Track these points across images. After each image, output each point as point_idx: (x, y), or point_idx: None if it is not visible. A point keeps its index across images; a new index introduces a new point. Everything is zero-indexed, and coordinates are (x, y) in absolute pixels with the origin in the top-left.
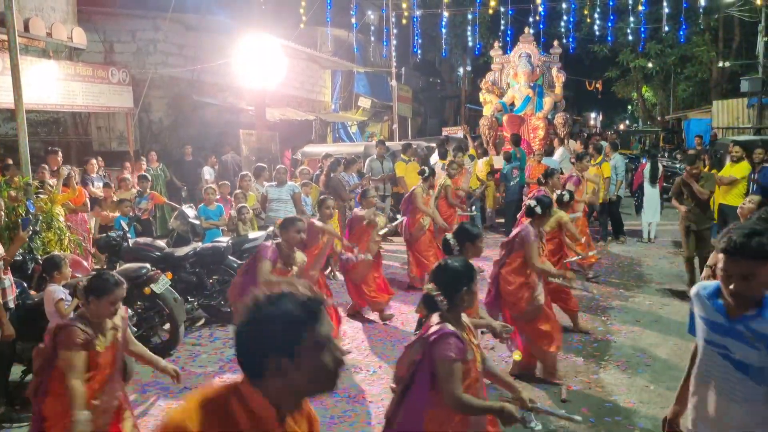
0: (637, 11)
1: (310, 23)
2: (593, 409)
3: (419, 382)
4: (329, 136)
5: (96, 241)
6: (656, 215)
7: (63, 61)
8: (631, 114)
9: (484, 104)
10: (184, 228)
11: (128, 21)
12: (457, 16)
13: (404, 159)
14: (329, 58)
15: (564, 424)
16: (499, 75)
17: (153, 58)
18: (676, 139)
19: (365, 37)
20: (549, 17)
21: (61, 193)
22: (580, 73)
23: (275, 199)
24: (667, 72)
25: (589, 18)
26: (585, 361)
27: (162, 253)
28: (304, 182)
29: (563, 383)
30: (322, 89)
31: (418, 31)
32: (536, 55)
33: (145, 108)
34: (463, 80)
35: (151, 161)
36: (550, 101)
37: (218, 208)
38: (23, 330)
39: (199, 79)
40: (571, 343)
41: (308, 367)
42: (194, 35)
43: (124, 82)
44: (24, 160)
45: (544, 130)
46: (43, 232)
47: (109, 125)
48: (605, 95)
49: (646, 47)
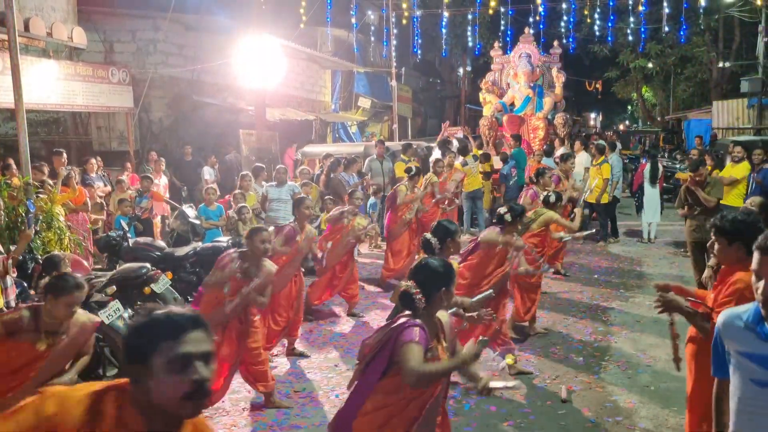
0: (637, 11)
1: (310, 23)
2: (594, 409)
3: (373, 368)
4: (329, 136)
5: (96, 240)
6: (656, 215)
7: (63, 61)
8: (631, 114)
9: (484, 104)
10: (185, 228)
11: (128, 21)
12: (457, 16)
13: (404, 159)
14: (329, 58)
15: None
16: (499, 75)
17: (153, 58)
18: (676, 139)
19: (365, 37)
20: (549, 17)
21: (60, 193)
22: (580, 74)
23: (275, 199)
24: (667, 72)
25: (589, 18)
26: (585, 361)
27: (162, 252)
28: (304, 182)
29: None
30: (322, 89)
31: (418, 31)
32: (536, 56)
33: (145, 108)
34: (463, 80)
35: (151, 161)
36: (550, 101)
37: (218, 208)
38: None
39: (199, 79)
40: (572, 343)
41: (162, 380)
42: (194, 35)
43: (124, 82)
44: (24, 159)
45: (544, 130)
46: (43, 231)
47: (109, 125)
48: (605, 95)
49: (646, 47)
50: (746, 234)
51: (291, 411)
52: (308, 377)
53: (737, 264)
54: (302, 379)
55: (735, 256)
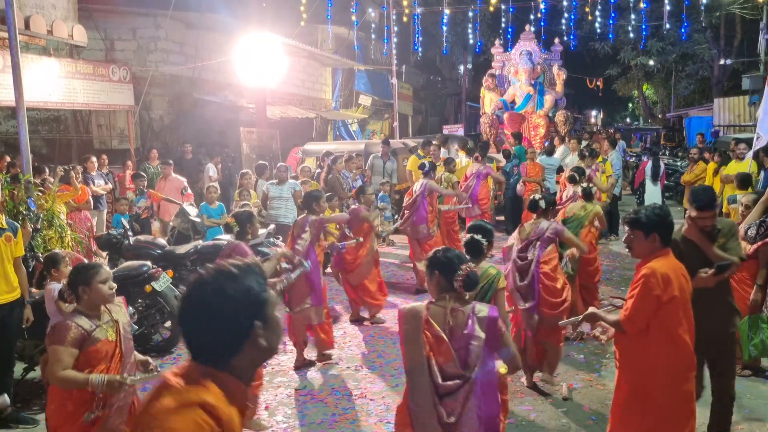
0: (638, 9)
1: (311, 21)
2: (595, 406)
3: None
4: (330, 134)
5: (97, 239)
6: None
7: (64, 59)
8: (632, 112)
9: (484, 102)
10: (185, 226)
11: (129, 19)
12: (457, 13)
13: (420, 155)
14: (330, 55)
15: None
16: (500, 73)
17: (153, 55)
18: (677, 136)
19: (366, 35)
20: (550, 15)
21: (62, 192)
22: (580, 71)
23: (276, 197)
24: (669, 70)
25: (590, 15)
26: (586, 358)
27: (163, 250)
28: (304, 180)
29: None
30: (323, 87)
31: (418, 28)
32: (537, 53)
33: (145, 106)
34: (463, 78)
35: (152, 159)
36: (551, 99)
37: (219, 206)
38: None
39: (200, 76)
40: (573, 341)
41: (272, 331)
42: (195, 33)
43: (125, 80)
44: (25, 158)
45: (545, 127)
46: (44, 229)
47: (110, 123)
48: (606, 93)
49: (647, 45)
50: (661, 226)
51: (291, 410)
52: (308, 377)
53: (652, 255)
54: (303, 378)
55: (650, 247)
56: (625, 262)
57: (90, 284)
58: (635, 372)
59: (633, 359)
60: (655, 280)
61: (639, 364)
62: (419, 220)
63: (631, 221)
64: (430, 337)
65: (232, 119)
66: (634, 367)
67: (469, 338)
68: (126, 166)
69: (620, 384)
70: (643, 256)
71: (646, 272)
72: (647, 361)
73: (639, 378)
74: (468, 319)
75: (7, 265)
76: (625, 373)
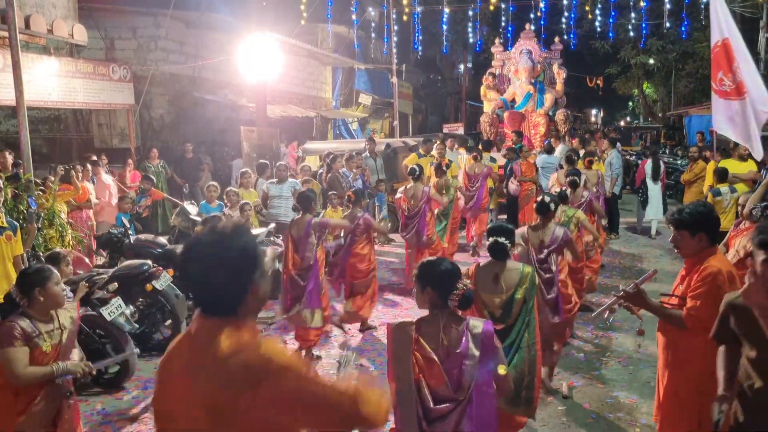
0: (638, 7)
1: (311, 20)
2: (595, 404)
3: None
4: (330, 133)
5: (98, 237)
6: (659, 212)
7: (64, 58)
8: (632, 110)
9: (484, 101)
10: (186, 225)
11: (129, 18)
12: (457, 12)
13: (420, 153)
14: (330, 54)
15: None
16: (500, 71)
17: (154, 54)
18: (677, 135)
19: (366, 34)
20: (550, 13)
21: (63, 191)
22: (581, 70)
23: (276, 196)
24: (669, 68)
25: (590, 14)
26: (586, 357)
27: (163, 249)
28: (305, 179)
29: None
30: (323, 86)
31: (418, 27)
32: (537, 52)
33: (146, 105)
34: (463, 77)
35: (152, 158)
36: (551, 98)
37: (219, 205)
38: None
39: (200, 75)
40: (573, 339)
41: (266, 281)
42: (195, 32)
43: (125, 79)
44: (26, 157)
45: (545, 126)
46: (44, 228)
47: (110, 122)
48: (606, 92)
49: (647, 43)
50: (707, 224)
51: None
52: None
53: (701, 253)
54: None
55: (698, 246)
56: (624, 259)
57: (45, 286)
58: (692, 371)
59: (691, 358)
60: (723, 279)
61: (699, 363)
62: (420, 227)
63: (676, 222)
64: (420, 359)
65: (233, 118)
66: (692, 366)
67: (462, 357)
68: (127, 164)
69: (671, 383)
70: (691, 255)
71: (712, 270)
72: (710, 359)
73: (695, 377)
74: (462, 337)
75: (7, 263)
76: (678, 372)
